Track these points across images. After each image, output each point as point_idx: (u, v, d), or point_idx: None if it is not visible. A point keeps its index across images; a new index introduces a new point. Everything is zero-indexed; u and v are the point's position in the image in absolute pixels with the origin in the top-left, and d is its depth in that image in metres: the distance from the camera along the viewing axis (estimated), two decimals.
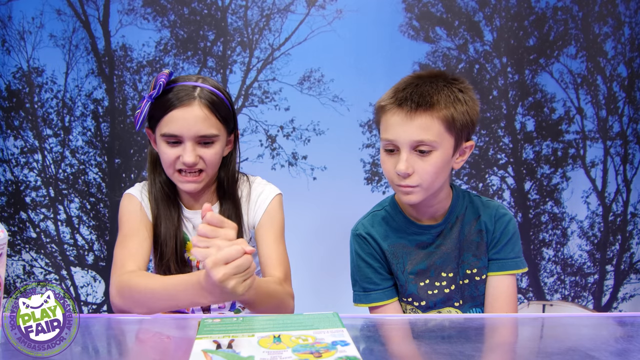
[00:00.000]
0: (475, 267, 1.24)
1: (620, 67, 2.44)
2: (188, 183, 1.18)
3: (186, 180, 1.17)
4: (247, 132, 2.37)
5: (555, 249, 2.48)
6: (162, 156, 1.18)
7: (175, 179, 1.19)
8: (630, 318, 1.08)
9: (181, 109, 1.13)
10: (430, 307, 1.24)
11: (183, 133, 1.14)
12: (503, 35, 2.39)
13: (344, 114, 2.34)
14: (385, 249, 1.23)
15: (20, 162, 2.38)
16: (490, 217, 1.24)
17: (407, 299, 1.24)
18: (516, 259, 1.24)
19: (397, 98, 1.11)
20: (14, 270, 2.40)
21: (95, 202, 2.39)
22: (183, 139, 1.15)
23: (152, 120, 1.19)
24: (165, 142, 1.16)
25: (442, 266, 1.23)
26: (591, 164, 2.46)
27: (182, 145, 1.15)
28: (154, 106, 1.17)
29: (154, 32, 2.34)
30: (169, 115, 1.14)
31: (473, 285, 1.24)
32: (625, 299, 2.50)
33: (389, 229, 1.24)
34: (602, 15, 2.40)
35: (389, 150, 1.14)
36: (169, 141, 1.15)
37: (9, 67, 2.35)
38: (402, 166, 1.10)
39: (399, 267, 1.23)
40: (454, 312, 1.24)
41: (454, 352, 0.82)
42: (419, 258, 1.23)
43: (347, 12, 2.33)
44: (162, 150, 1.17)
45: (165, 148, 1.16)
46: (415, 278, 1.23)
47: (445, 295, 1.24)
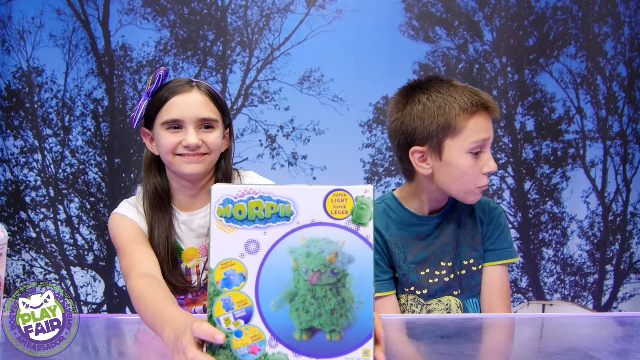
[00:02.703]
0: (472, 258, 1.28)
1: (620, 67, 2.44)
2: (190, 164, 1.16)
3: (188, 160, 1.16)
4: (247, 132, 2.37)
5: (555, 249, 2.48)
6: (162, 143, 1.17)
7: (177, 163, 1.17)
8: (630, 318, 1.08)
9: (181, 95, 1.16)
10: (431, 295, 1.26)
11: (185, 117, 1.15)
12: (503, 35, 2.39)
13: (344, 114, 2.34)
14: (388, 240, 1.25)
15: (20, 162, 2.38)
16: (483, 210, 1.31)
17: (409, 289, 1.26)
18: (509, 249, 1.31)
19: (482, 102, 1.18)
20: (14, 270, 2.40)
21: (95, 202, 2.39)
22: (184, 123, 1.16)
23: (150, 117, 1.20)
24: (166, 129, 1.16)
25: (442, 256, 1.27)
26: (591, 164, 2.46)
27: (183, 130, 1.16)
28: (151, 103, 1.19)
29: (154, 32, 2.34)
30: (168, 103, 1.16)
31: (470, 275, 1.28)
32: (625, 299, 2.50)
33: (390, 220, 1.27)
34: (602, 15, 2.40)
35: (476, 152, 1.18)
36: (170, 127, 1.16)
37: (9, 67, 2.35)
38: (494, 164, 1.19)
39: (400, 257, 1.25)
40: (453, 301, 1.27)
41: (454, 352, 0.82)
42: (420, 248, 1.26)
43: (347, 12, 2.33)
44: (163, 137, 1.17)
45: (167, 134, 1.16)
46: (416, 267, 1.25)
47: (445, 283, 1.26)
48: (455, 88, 1.20)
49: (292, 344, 0.64)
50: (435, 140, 1.17)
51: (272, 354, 0.64)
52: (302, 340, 0.64)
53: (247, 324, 0.64)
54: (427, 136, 1.18)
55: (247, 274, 0.64)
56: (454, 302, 1.27)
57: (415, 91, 1.22)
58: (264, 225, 0.63)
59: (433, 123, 1.17)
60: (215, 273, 0.64)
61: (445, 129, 1.16)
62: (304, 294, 0.64)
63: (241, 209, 0.63)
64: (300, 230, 0.64)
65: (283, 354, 0.64)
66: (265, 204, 0.63)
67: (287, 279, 0.64)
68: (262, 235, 0.63)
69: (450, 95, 1.18)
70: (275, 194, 0.63)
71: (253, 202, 0.63)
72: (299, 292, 0.64)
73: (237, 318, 0.64)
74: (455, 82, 1.23)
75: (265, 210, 0.63)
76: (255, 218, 0.63)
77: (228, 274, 0.63)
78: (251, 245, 0.64)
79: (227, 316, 0.64)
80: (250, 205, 0.63)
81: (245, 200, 0.63)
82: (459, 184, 1.19)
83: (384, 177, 2.39)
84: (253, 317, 0.64)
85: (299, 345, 0.64)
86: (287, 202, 0.63)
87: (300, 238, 0.64)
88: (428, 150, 1.19)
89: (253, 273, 0.64)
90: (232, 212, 0.63)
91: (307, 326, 0.64)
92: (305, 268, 0.64)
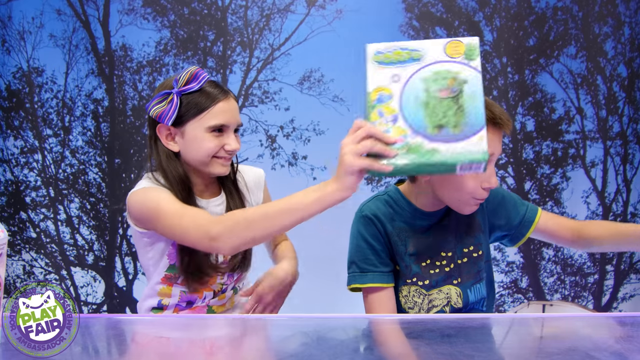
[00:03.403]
0: (471, 244, 1.29)
1: (620, 67, 2.44)
2: (224, 166, 1.26)
3: (224, 163, 1.26)
4: (247, 132, 2.37)
5: (555, 249, 2.48)
6: (206, 146, 1.21)
7: (214, 165, 1.24)
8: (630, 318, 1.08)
9: (226, 101, 1.23)
10: (432, 285, 1.27)
11: (230, 123, 1.23)
12: (503, 35, 2.39)
13: (344, 114, 2.34)
14: (390, 231, 1.26)
15: (20, 162, 2.38)
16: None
17: (412, 280, 1.26)
18: (530, 205, 1.33)
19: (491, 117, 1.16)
20: (14, 270, 2.40)
21: (95, 202, 2.39)
22: (227, 128, 1.24)
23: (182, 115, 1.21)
24: (210, 133, 1.22)
25: (442, 246, 1.28)
26: (591, 164, 2.46)
27: (224, 134, 1.23)
28: (186, 102, 1.21)
29: (154, 32, 2.35)
30: (216, 107, 1.22)
31: (472, 262, 1.29)
32: (625, 299, 2.50)
33: (393, 212, 1.28)
34: (602, 15, 2.41)
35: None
36: (214, 130, 1.22)
37: (9, 67, 2.35)
38: (496, 180, 1.20)
39: (402, 249, 1.26)
40: (453, 290, 1.28)
41: (454, 352, 0.82)
42: (421, 240, 1.27)
43: (347, 12, 2.33)
44: (207, 140, 1.22)
45: (211, 138, 1.22)
46: (417, 258, 1.26)
47: (445, 273, 1.27)
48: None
49: (427, 135, 0.89)
50: None
51: (412, 142, 0.89)
52: (434, 134, 0.89)
53: (395, 124, 0.90)
54: None
55: (393, 94, 0.91)
56: (454, 291, 1.28)
57: None
58: (403, 65, 0.92)
59: None
60: (370, 95, 0.91)
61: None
62: (433, 105, 0.90)
63: (388, 56, 0.93)
64: (429, 66, 0.92)
65: (419, 141, 0.89)
66: (403, 52, 0.93)
67: (421, 96, 0.91)
68: (402, 70, 0.92)
69: None
70: (409, 47, 0.93)
71: (395, 52, 0.93)
72: (429, 104, 0.90)
73: (387, 121, 0.90)
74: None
75: (404, 56, 0.93)
76: (397, 61, 0.92)
77: (380, 95, 0.91)
78: (395, 77, 0.92)
79: (380, 120, 0.90)
80: (394, 53, 0.93)
81: (390, 50, 0.93)
82: (455, 193, 1.20)
83: (384, 177, 2.39)
84: (398, 120, 0.90)
85: (432, 136, 0.89)
86: (417, 49, 0.92)
87: (429, 71, 0.92)
88: None
89: (397, 93, 0.91)
90: (382, 58, 0.93)
91: (437, 124, 0.89)
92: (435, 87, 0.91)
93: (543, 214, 1.31)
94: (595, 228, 1.28)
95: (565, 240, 1.31)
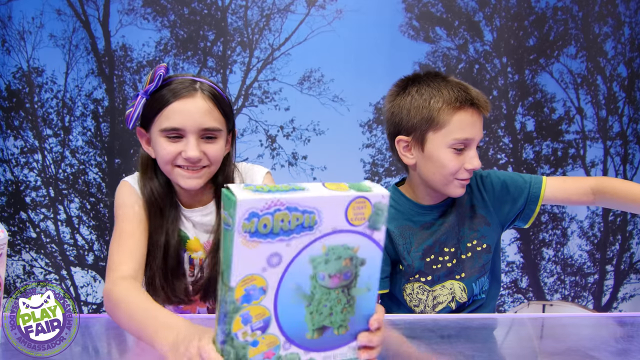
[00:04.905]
0: (475, 238, 1.29)
1: (620, 67, 2.44)
2: (190, 179, 1.10)
3: (188, 174, 1.10)
4: (247, 132, 2.37)
5: (555, 249, 2.48)
6: (161, 152, 1.09)
7: (175, 175, 1.11)
8: (630, 318, 1.09)
9: (183, 101, 1.07)
10: (435, 281, 1.28)
11: (186, 126, 1.07)
12: (503, 35, 2.39)
13: (344, 114, 2.34)
14: (392, 231, 1.26)
15: (20, 162, 2.38)
16: (476, 186, 1.30)
17: (414, 276, 1.27)
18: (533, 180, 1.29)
19: (468, 98, 1.18)
20: (14, 270, 2.40)
21: (95, 202, 2.39)
22: (185, 132, 1.07)
23: (147, 118, 1.12)
24: (164, 137, 1.09)
25: (446, 242, 1.28)
26: (591, 164, 2.46)
27: (183, 140, 1.08)
28: (149, 102, 1.10)
29: (154, 32, 2.34)
30: (169, 107, 1.07)
31: (476, 256, 1.29)
32: (625, 299, 2.50)
33: (394, 212, 1.28)
34: (602, 15, 2.40)
35: (458, 149, 1.18)
36: (170, 136, 1.08)
37: (9, 67, 2.35)
38: (478, 162, 1.18)
39: (405, 248, 1.27)
40: (456, 284, 1.28)
41: (454, 352, 0.82)
42: (425, 237, 1.28)
43: (347, 12, 2.33)
44: (161, 146, 1.09)
45: (165, 144, 1.08)
46: (422, 255, 1.27)
47: (447, 269, 1.28)
48: (446, 83, 1.21)
49: (303, 343, 0.67)
50: (418, 131, 1.20)
51: (285, 355, 0.66)
52: (312, 339, 0.67)
53: (264, 333, 0.64)
54: (412, 127, 1.21)
55: (267, 287, 0.63)
56: (457, 286, 1.28)
57: (409, 83, 1.25)
58: (288, 237, 0.62)
59: (417, 115, 1.19)
60: (235, 291, 0.61)
61: (429, 122, 1.19)
62: (318, 298, 0.66)
63: (266, 222, 0.60)
64: (322, 239, 0.63)
65: (295, 354, 0.66)
66: (291, 215, 0.61)
67: (305, 287, 0.65)
68: (285, 247, 0.62)
69: (438, 90, 1.19)
70: (301, 204, 0.61)
71: (279, 214, 0.60)
72: (314, 297, 0.65)
73: (254, 330, 0.64)
74: (450, 78, 1.23)
75: (291, 222, 0.61)
76: (280, 230, 0.61)
77: (248, 290, 0.62)
78: (273, 258, 0.62)
79: (245, 330, 0.63)
80: (276, 217, 0.60)
81: (271, 213, 0.60)
82: (438, 176, 1.20)
83: (384, 177, 2.39)
84: (270, 326, 0.64)
85: (310, 343, 0.67)
86: (312, 211, 0.62)
87: (321, 247, 0.64)
88: (412, 141, 1.22)
89: (273, 286, 0.63)
90: (256, 227, 0.60)
91: (319, 325, 0.67)
92: (322, 274, 0.65)
93: (549, 184, 1.28)
94: (613, 184, 1.25)
95: (582, 202, 1.30)
